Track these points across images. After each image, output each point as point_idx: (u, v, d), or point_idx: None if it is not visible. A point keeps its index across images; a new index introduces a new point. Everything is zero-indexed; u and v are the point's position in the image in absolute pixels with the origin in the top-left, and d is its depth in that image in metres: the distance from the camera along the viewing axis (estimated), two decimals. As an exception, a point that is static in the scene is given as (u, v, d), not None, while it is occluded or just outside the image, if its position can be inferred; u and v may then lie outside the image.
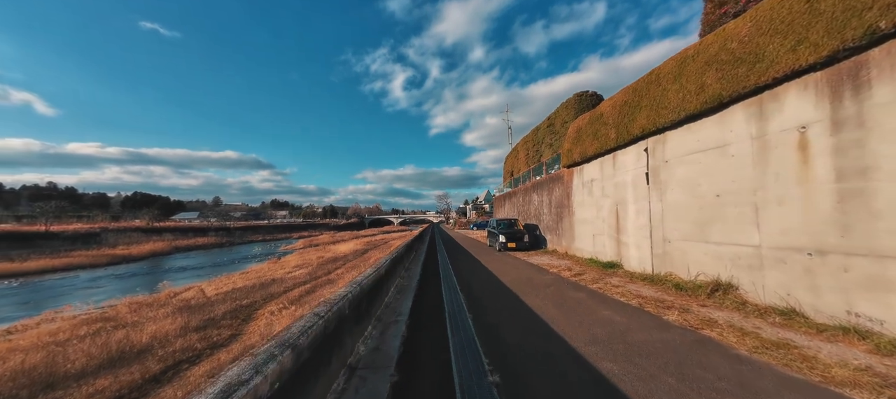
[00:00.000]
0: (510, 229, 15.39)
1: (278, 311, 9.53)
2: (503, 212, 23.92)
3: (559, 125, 13.63)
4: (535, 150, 17.06)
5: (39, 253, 40.15)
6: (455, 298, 6.45)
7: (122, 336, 7.30)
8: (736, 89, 5.47)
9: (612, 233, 9.17)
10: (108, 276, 27.12)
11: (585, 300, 5.94)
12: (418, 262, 11.37)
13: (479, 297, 6.48)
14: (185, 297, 13.02)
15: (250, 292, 12.93)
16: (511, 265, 10.49)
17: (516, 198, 20.14)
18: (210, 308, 9.99)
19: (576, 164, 11.17)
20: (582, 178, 10.98)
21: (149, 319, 8.76)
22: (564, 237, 12.39)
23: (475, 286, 7.57)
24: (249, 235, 68.45)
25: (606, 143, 9.13)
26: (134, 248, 46.01)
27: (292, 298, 11.59)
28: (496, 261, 11.70)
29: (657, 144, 7.47)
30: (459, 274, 9.20)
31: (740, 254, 5.57)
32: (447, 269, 10.23)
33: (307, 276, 19.16)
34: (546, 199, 14.31)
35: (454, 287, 7.51)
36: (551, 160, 14.23)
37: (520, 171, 20.01)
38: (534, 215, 16.22)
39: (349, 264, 22.91)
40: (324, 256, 29.10)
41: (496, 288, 7.29)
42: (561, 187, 12.63)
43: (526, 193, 17.74)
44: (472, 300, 6.26)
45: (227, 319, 9.04)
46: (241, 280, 18.94)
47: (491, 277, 8.51)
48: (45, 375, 5.70)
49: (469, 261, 12.21)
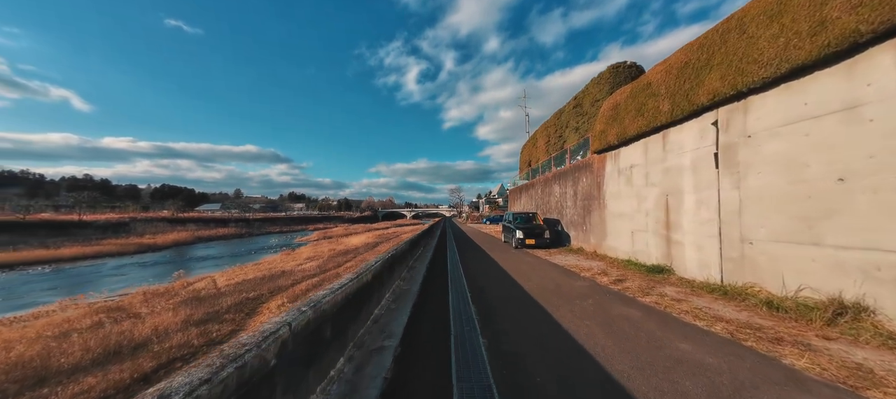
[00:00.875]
0: (528, 224, 13.63)
1: (278, 308, 8.66)
2: (519, 205, 22.05)
3: (588, 105, 11.70)
4: (557, 136, 15.15)
5: (73, 240, 41.60)
6: (464, 310, 4.92)
7: (123, 329, 7.03)
8: (886, 19, 3.59)
9: (660, 229, 7.35)
10: (133, 264, 27.69)
11: (642, 322, 4.27)
12: (425, 260, 9.91)
13: (496, 311, 4.91)
14: (196, 288, 12.50)
15: (259, 284, 12.22)
16: (531, 265, 8.85)
17: (534, 190, 18.31)
18: (217, 300, 9.46)
19: (610, 148, 9.32)
20: (617, 165, 9.12)
21: (155, 311, 8.41)
22: (593, 234, 10.59)
23: (490, 294, 6.00)
24: (267, 227, 69.50)
25: (655, 118, 7.27)
26: (159, 238, 47.18)
27: (297, 293, 11.61)
28: (513, 260, 10.07)
29: (734, 114, 5.60)
30: (471, 276, 7.65)
31: (881, 263, 3.74)
32: (457, 268, 8.71)
33: (317, 268, 18.80)
34: (570, 190, 12.49)
35: (463, 294, 5.97)
36: (577, 146, 12.36)
37: (538, 160, 18.12)
38: (554, 209, 14.41)
39: (359, 257, 22.10)
40: (335, 249, 28.62)
41: (517, 297, 5.70)
42: (589, 176, 10.80)
43: (545, 185, 15.90)
44: (487, 315, 4.71)
45: (230, 313, 8.38)
46: (253, 271, 18.90)
47: (509, 282, 6.92)
48: (39, 369, 5.30)
49: (482, 259, 10.63)
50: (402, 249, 7.17)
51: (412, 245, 9.01)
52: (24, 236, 42.46)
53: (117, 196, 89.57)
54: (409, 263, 8.58)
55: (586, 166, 11.02)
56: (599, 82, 10.99)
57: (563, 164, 14.09)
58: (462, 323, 4.41)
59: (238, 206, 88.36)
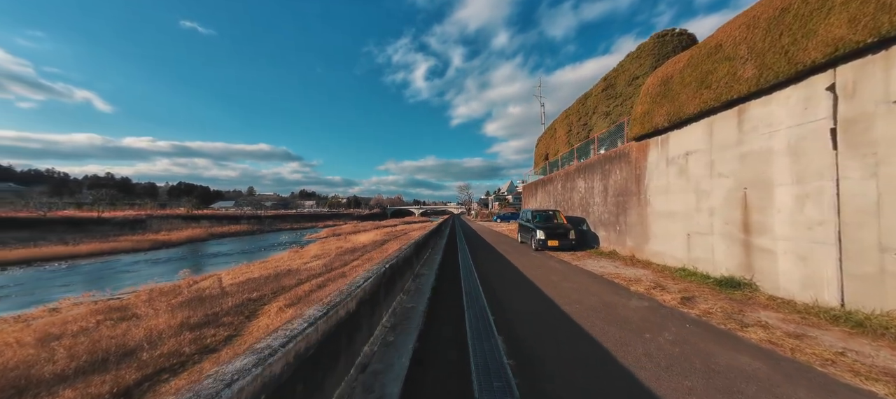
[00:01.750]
0: (549, 223, 11.95)
1: (279, 311, 8.23)
2: (534, 202, 20.30)
3: (623, 84, 9.95)
4: (581, 124, 13.39)
5: (91, 237, 42.04)
6: (491, 354, 3.42)
7: (117, 333, 6.89)
8: None
9: (734, 232, 5.67)
10: (147, 260, 27.63)
11: (775, 384, 2.69)
12: (433, 264, 8.45)
13: (535, 355, 3.38)
14: (201, 287, 12.12)
15: (263, 284, 11.87)
16: (562, 274, 7.27)
17: (552, 185, 16.57)
18: (218, 301, 9.19)
19: (656, 132, 7.63)
20: (666, 153, 7.43)
21: (154, 312, 8.11)
22: (630, 235, 8.92)
23: (520, 320, 4.47)
24: (279, 224, 69.62)
25: (728, 89, 5.57)
26: (173, 235, 47.42)
27: (300, 294, 10.16)
28: (537, 266, 8.49)
29: (867, 73, 3.90)
30: (490, 288, 6.13)
31: None
32: (471, 276, 7.21)
33: (322, 267, 18.00)
34: (598, 184, 10.81)
35: (485, 319, 4.47)
36: (608, 134, 10.63)
37: (558, 152, 16.35)
38: (578, 206, 12.72)
39: (366, 256, 21.02)
40: (343, 246, 27.81)
41: (559, 328, 4.14)
42: (625, 168, 9.12)
43: (566, 179, 14.18)
44: (523, 359, 3.21)
45: (230, 316, 8.04)
46: (259, 270, 18.34)
47: (541, 299, 5.37)
48: (20, 378, 5.17)
49: (500, 264, 9.09)
50: (404, 255, 5.72)
51: (418, 248, 7.57)
52: (44, 233, 43.13)
53: (136, 194, 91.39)
54: (416, 269, 7.14)
55: (621, 156, 9.33)
56: (639, 57, 9.18)
57: (589, 154, 12.38)
58: (488, 374, 2.92)
59: (251, 204, 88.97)
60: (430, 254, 10.64)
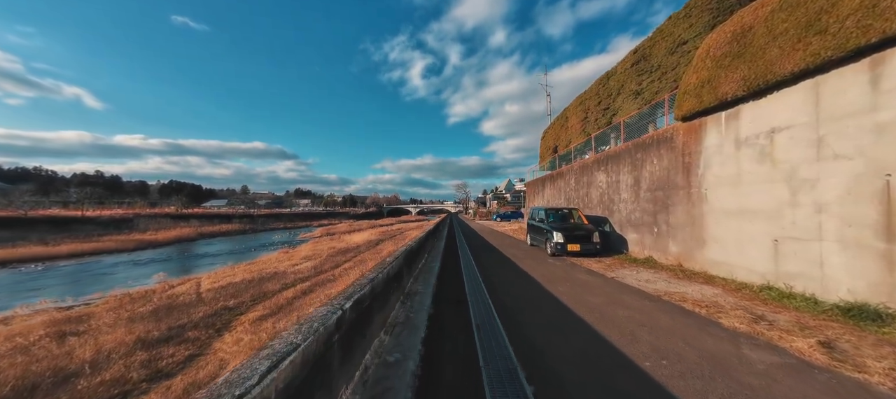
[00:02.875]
0: (568, 224, 10.13)
1: (255, 323, 7.49)
2: (541, 199, 18.38)
3: (663, 53, 8.06)
4: (601, 109, 11.50)
5: (74, 237, 40.38)
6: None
7: (62, 351, 6.28)
8: None
9: (868, 238, 3.84)
10: (129, 262, 26.03)
11: None
12: (429, 278, 6.55)
13: None
14: (175, 293, 11.08)
15: (244, 289, 10.77)
16: (602, 294, 5.35)
17: (563, 180, 14.67)
18: (190, 310, 8.50)
19: (722, 106, 5.80)
20: (736, 132, 5.61)
21: (112, 324, 7.44)
22: (676, 239, 7.09)
23: (580, 392, 2.61)
24: (272, 223, 67.55)
25: (863, 30, 3.76)
26: (161, 234, 45.66)
27: (282, 302, 9.19)
28: (562, 278, 6.55)
29: None
30: (510, 317, 4.22)
31: None
32: (481, 298, 5.31)
33: (312, 270, 16.53)
34: (626, 177, 8.99)
35: (516, 384, 2.62)
36: (639, 117, 8.80)
37: (570, 143, 14.44)
38: (597, 204, 10.88)
39: (358, 257, 19.45)
40: (335, 247, 26.28)
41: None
42: (667, 155, 7.30)
43: (582, 173, 12.30)
44: None
45: (197, 329, 7.31)
46: (243, 272, 16.63)
47: (591, 340, 3.52)
48: None
49: (513, 274, 7.22)
50: (391, 272, 3.79)
51: (409, 258, 5.64)
52: (25, 232, 41.31)
53: (126, 192, 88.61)
54: (406, 287, 5.25)
55: (660, 142, 7.51)
56: (688, 16, 7.20)
57: (610, 143, 10.57)
58: None
59: (244, 202, 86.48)
60: (425, 261, 8.71)
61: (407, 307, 4.24)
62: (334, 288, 10.73)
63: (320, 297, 10.14)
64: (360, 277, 3.29)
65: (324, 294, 10.42)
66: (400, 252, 4.84)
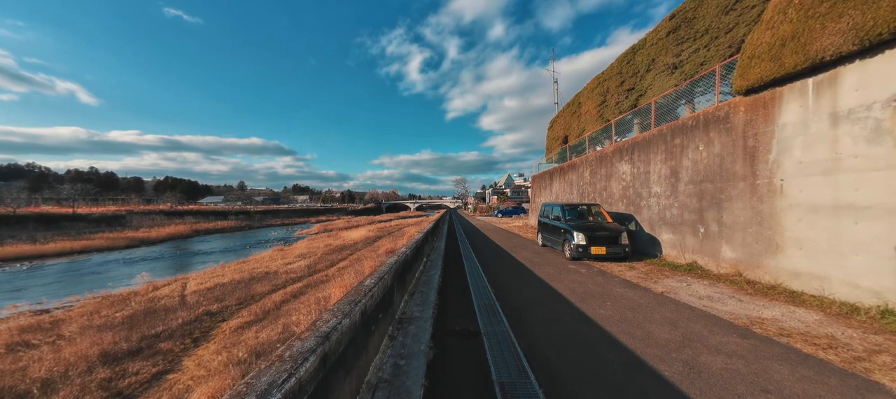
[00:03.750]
0: (587, 222, 8.84)
1: (237, 333, 6.95)
2: (548, 194, 17.21)
3: (714, 14, 6.57)
4: (623, 90, 10.28)
5: (64, 234, 39.40)
6: None
7: (18, 366, 5.73)
8: None
9: None
10: (118, 260, 25.28)
11: None
12: (427, 294, 5.60)
13: None
14: (158, 295, 10.55)
15: (232, 291, 10.20)
16: (671, 324, 4.17)
17: (575, 173, 13.49)
18: (169, 316, 7.94)
19: (811, 70, 4.77)
20: (833, 104, 4.58)
21: (81, 334, 6.98)
22: (733, 242, 6.10)
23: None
24: (269, 219, 66.56)
25: None
26: (153, 232, 44.77)
27: (269, 307, 8.73)
28: (595, 294, 5.45)
29: None
30: (553, 377, 2.93)
31: None
32: (499, 329, 4.10)
33: (305, 269, 15.10)
34: (660, 167, 7.97)
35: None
36: (678, 95, 7.66)
37: (584, 131, 13.32)
38: (620, 199, 9.88)
39: (354, 256, 18.59)
40: (331, 244, 25.48)
41: None
42: (722, 139, 6.30)
43: (600, 164, 11.19)
44: None
45: (173, 339, 6.75)
46: (233, 272, 15.31)
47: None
48: None
49: (532, 288, 6.15)
50: (368, 307, 2.69)
51: (401, 271, 4.65)
52: (13, 230, 40.29)
53: (121, 189, 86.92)
54: (397, 310, 4.30)
55: (712, 123, 6.49)
56: None
57: (632, 130, 9.61)
58: None
59: (241, 199, 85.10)
60: (424, 267, 7.76)
61: (396, 347, 3.19)
62: (327, 290, 9.87)
63: (311, 300, 9.29)
64: (333, 306, 2.35)
65: (314, 297, 9.57)
66: (388, 267, 3.85)
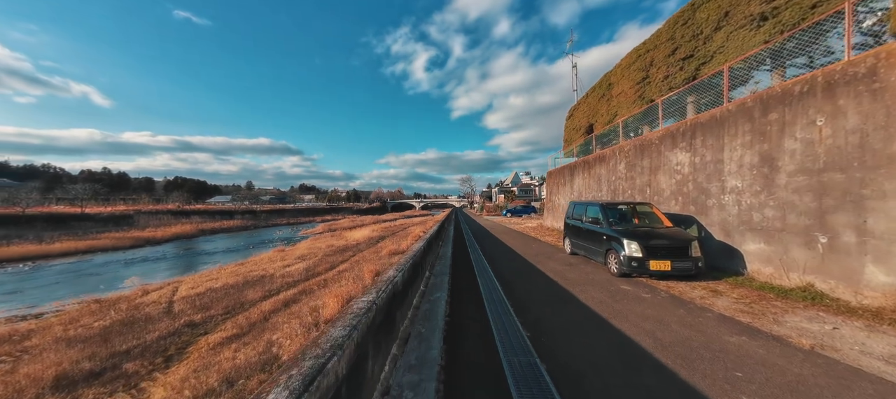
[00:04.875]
0: (641, 227, 6.95)
1: (214, 351, 6.21)
2: (568, 191, 15.14)
3: None
4: (676, 60, 8.40)
5: (71, 234, 39.27)
6: None
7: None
8: None
9: None
10: (121, 260, 24.70)
11: None
12: (428, 346, 3.88)
13: None
14: (144, 301, 9.96)
15: (222, 297, 9.57)
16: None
17: (605, 166, 11.56)
18: (148, 327, 7.40)
19: None
20: None
21: (47, 348, 6.62)
22: (887, 259, 4.26)
23: None
24: (275, 219, 66.14)
25: None
26: (159, 231, 44.52)
27: (255, 318, 7.87)
28: (709, 353, 3.18)
29: None
30: None
31: None
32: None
33: (303, 271, 13.69)
34: (743, 153, 6.02)
35: None
36: (774, 52, 5.59)
37: (616, 117, 11.42)
38: (673, 196, 8.04)
39: (356, 257, 17.32)
40: (334, 245, 24.34)
41: None
42: (862, 108, 4.50)
43: (640, 154, 9.31)
44: None
45: (143, 357, 6.10)
46: (228, 275, 14.32)
47: None
48: None
49: (598, 345, 3.53)
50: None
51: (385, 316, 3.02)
52: (21, 230, 40.28)
53: (132, 189, 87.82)
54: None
55: (842, 84, 4.71)
56: None
57: (684, 112, 7.87)
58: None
59: (248, 198, 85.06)
60: (424, 293, 6.07)
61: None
62: (321, 298, 8.65)
63: (302, 311, 8.13)
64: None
65: (307, 306, 8.41)
66: (357, 317, 2.24)
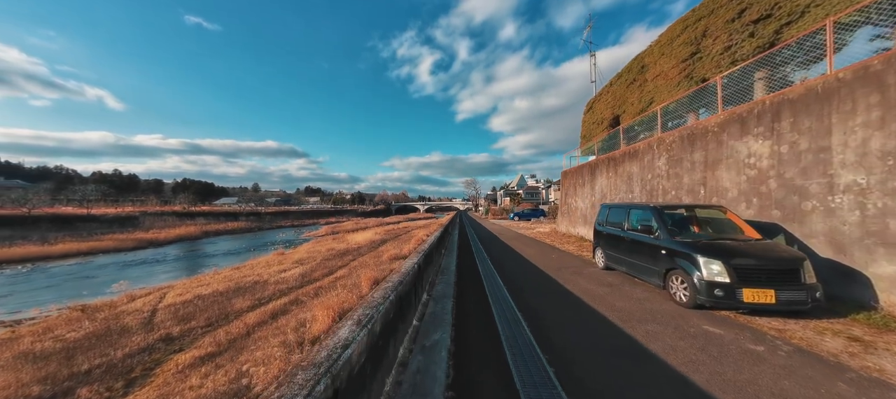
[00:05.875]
0: (720, 240, 4.82)
1: (181, 374, 5.25)
2: (589, 192, 13.16)
3: None
4: (743, 24, 6.74)
5: (75, 235, 38.79)
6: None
7: None
8: None
9: None
10: (120, 263, 23.97)
11: None
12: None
13: None
14: (126, 310, 9.22)
15: (207, 306, 8.85)
16: None
17: (637, 162, 9.83)
18: (120, 341, 6.71)
19: None
20: None
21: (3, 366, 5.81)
22: None
23: None
24: (279, 221, 65.54)
25: None
26: (163, 233, 43.93)
27: (238, 332, 6.98)
28: None
29: None
30: None
31: None
32: None
33: (299, 277, 12.70)
34: (867, 138, 4.27)
35: None
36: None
37: (653, 104, 9.81)
38: (743, 197, 6.27)
39: (356, 262, 16.08)
40: (335, 248, 23.20)
41: None
42: None
43: (689, 146, 7.63)
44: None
45: (104, 380, 5.18)
46: (221, 281, 13.35)
47: None
48: None
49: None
50: None
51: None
52: (26, 231, 39.93)
53: (142, 190, 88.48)
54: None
55: None
56: None
57: (740, 92, 6.35)
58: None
59: (254, 200, 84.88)
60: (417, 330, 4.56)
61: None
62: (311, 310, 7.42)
63: (288, 326, 6.91)
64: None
65: (295, 320, 7.19)
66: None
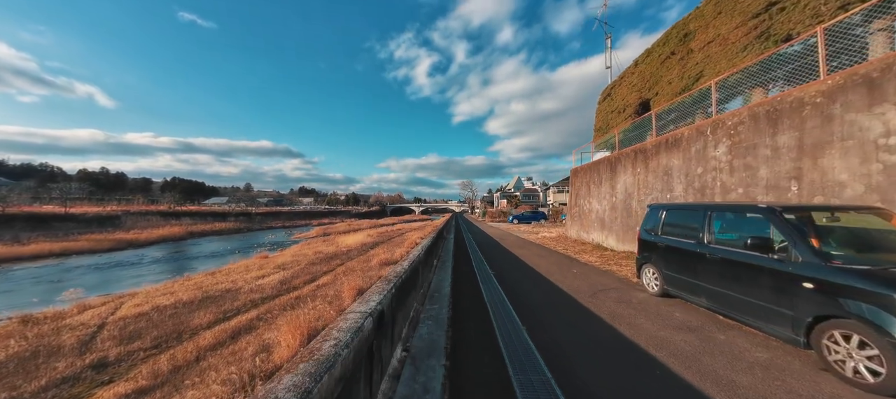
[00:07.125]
0: (879, 260, 2.84)
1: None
2: (607, 191, 11.48)
3: None
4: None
5: (50, 235, 36.26)
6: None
7: None
8: None
9: None
10: (91, 265, 22.19)
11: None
12: None
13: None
14: (73, 322, 8.07)
15: (161, 321, 7.74)
16: None
17: (681, 154, 7.94)
18: (43, 365, 5.56)
19: None
20: None
21: None
22: None
23: None
24: (270, 221, 63.12)
25: None
26: (144, 234, 41.50)
27: (185, 358, 5.62)
28: None
29: None
30: None
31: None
32: None
33: (278, 284, 11.44)
34: None
35: None
36: None
37: (703, 79, 8.17)
38: (861, 197, 4.24)
39: (343, 267, 14.48)
40: (322, 252, 21.53)
41: None
42: None
43: (769, 127, 5.72)
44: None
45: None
46: (187, 289, 11.94)
47: None
48: None
49: None
50: None
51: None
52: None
53: (129, 189, 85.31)
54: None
55: None
56: None
57: (868, 48, 4.74)
58: None
59: (246, 200, 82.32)
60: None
61: None
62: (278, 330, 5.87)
63: (246, 351, 5.35)
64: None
65: (256, 343, 5.64)
66: None
